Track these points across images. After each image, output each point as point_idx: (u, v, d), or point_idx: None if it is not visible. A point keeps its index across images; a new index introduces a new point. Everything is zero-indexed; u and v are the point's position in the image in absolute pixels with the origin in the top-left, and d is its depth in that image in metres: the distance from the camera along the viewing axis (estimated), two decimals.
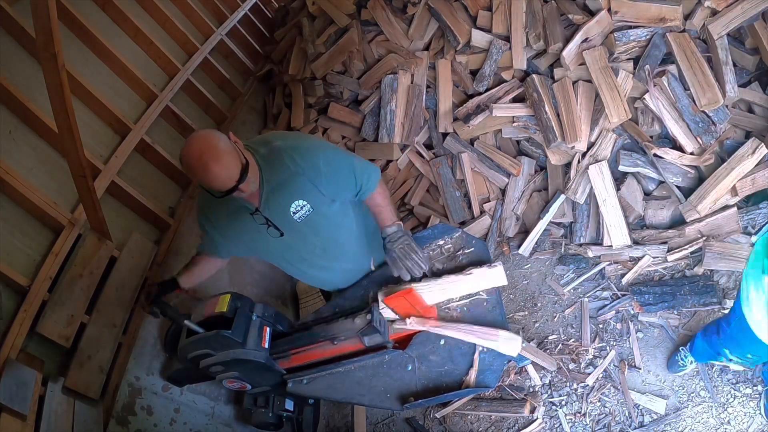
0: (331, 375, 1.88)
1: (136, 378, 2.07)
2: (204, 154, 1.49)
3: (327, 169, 1.71)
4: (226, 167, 1.51)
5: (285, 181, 1.69)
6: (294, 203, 1.72)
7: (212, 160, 1.49)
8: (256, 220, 1.74)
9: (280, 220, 1.75)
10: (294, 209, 1.73)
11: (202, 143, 1.52)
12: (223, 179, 1.52)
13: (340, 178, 1.76)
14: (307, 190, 1.72)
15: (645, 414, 2.14)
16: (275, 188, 1.70)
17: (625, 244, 2.51)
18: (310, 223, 1.78)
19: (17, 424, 1.54)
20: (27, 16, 1.75)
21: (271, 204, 1.72)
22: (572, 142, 2.59)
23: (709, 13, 2.45)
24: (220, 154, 1.51)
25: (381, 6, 3.28)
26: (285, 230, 1.77)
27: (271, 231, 1.76)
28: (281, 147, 1.70)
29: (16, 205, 1.93)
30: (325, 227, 1.84)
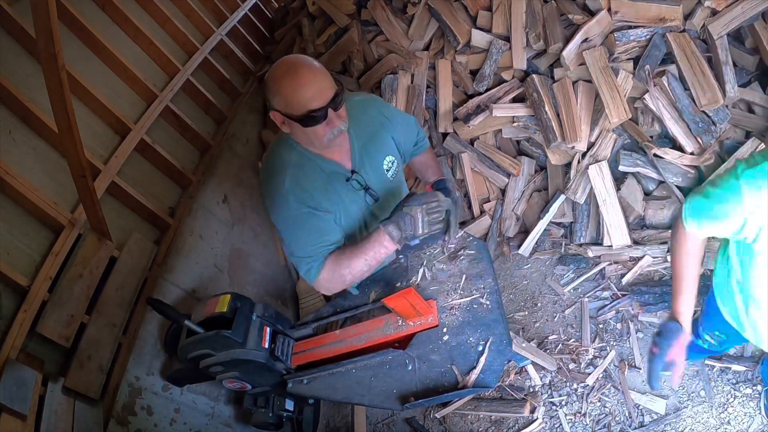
0: (331, 375, 1.88)
1: (136, 378, 2.07)
2: (297, 62, 1.35)
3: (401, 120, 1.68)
4: (319, 78, 1.34)
5: (374, 135, 1.58)
6: (386, 158, 1.61)
7: (306, 67, 1.34)
8: (353, 186, 1.54)
9: (374, 181, 1.59)
10: (387, 166, 1.61)
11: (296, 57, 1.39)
12: (315, 90, 1.33)
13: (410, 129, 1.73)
14: (391, 145, 1.63)
15: (645, 414, 2.14)
16: (366, 143, 1.56)
17: (625, 244, 2.51)
18: (396, 182, 1.68)
19: (17, 424, 1.54)
20: (27, 16, 1.75)
21: (366, 163, 1.56)
22: (572, 142, 2.59)
23: (709, 13, 2.45)
24: (315, 65, 1.36)
25: (381, 6, 3.28)
26: (380, 194, 1.62)
27: (368, 197, 1.59)
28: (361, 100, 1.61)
29: (16, 205, 1.93)
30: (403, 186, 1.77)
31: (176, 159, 2.85)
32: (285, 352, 1.95)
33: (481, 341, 1.72)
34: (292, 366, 1.97)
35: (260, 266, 3.02)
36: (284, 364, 1.94)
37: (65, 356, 1.90)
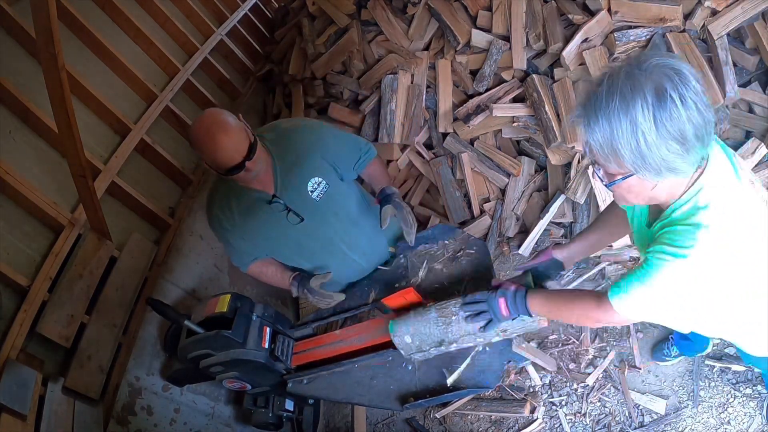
0: (331, 375, 1.88)
1: (136, 378, 2.07)
2: (212, 126, 1.51)
3: (333, 141, 1.75)
4: (233, 140, 1.52)
5: (297, 159, 1.69)
6: (311, 181, 1.72)
7: (220, 133, 1.50)
8: (274, 209, 1.72)
9: (298, 203, 1.73)
10: (311, 187, 1.72)
11: (211, 117, 1.54)
12: (231, 152, 1.52)
13: (347, 147, 1.80)
14: (320, 167, 1.73)
15: (645, 414, 2.14)
16: (289, 168, 1.69)
17: (625, 244, 2.51)
18: (329, 201, 1.76)
19: (17, 424, 1.54)
20: (27, 16, 1.75)
21: (288, 186, 1.71)
22: (572, 142, 2.59)
23: (709, 13, 2.45)
24: (228, 127, 1.52)
25: (381, 6, 3.28)
26: (305, 214, 1.74)
27: (291, 217, 1.74)
28: (288, 128, 1.74)
29: (16, 205, 1.93)
30: (343, 204, 1.83)
31: (176, 159, 2.86)
32: (285, 352, 1.95)
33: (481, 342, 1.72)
34: (292, 366, 1.97)
35: None
36: (284, 364, 1.94)
37: (65, 356, 1.90)
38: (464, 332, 1.52)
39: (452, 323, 1.53)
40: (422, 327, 1.57)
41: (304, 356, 1.97)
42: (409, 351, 1.63)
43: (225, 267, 2.81)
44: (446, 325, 1.54)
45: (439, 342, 1.57)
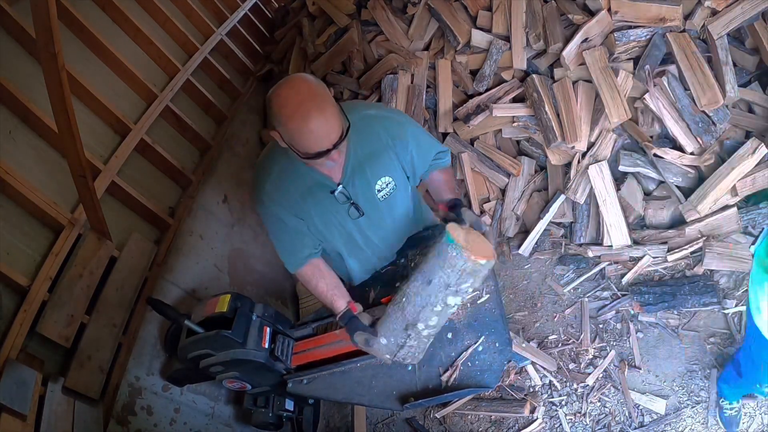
0: (331, 375, 1.88)
1: (136, 378, 2.07)
2: (308, 102, 1.28)
3: (414, 142, 1.61)
4: (329, 123, 1.30)
5: (374, 154, 1.54)
6: (381, 179, 1.59)
7: (316, 111, 1.28)
8: (337, 199, 1.56)
9: (362, 198, 1.60)
10: (380, 186, 1.60)
11: (307, 90, 1.30)
12: (322, 137, 1.30)
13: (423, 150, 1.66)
14: (393, 166, 1.60)
15: (645, 414, 2.14)
16: (363, 161, 1.54)
17: (625, 244, 2.51)
18: (391, 202, 1.67)
19: (17, 424, 1.54)
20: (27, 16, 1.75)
21: (357, 179, 1.56)
22: (572, 142, 2.59)
23: (709, 13, 2.45)
24: (326, 107, 1.29)
25: (381, 6, 3.28)
26: (366, 210, 1.62)
27: (352, 211, 1.60)
28: (372, 115, 1.55)
29: (16, 205, 1.92)
30: (401, 208, 1.74)
31: (176, 159, 2.85)
32: (285, 352, 1.94)
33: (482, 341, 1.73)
34: (292, 366, 1.97)
35: (260, 266, 3.02)
36: (284, 364, 1.94)
37: (65, 356, 1.90)
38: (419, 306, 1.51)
39: (406, 306, 1.53)
40: (386, 325, 1.59)
41: (304, 356, 1.97)
42: (392, 352, 1.62)
43: (225, 267, 2.81)
44: (402, 309, 1.55)
45: (405, 327, 1.56)
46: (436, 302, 1.50)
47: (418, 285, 1.50)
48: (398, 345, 1.60)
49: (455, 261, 1.42)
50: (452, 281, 1.46)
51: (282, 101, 1.30)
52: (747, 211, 2.37)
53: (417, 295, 1.50)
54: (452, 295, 1.50)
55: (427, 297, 1.49)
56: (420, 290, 1.50)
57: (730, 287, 2.30)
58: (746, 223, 2.36)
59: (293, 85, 1.31)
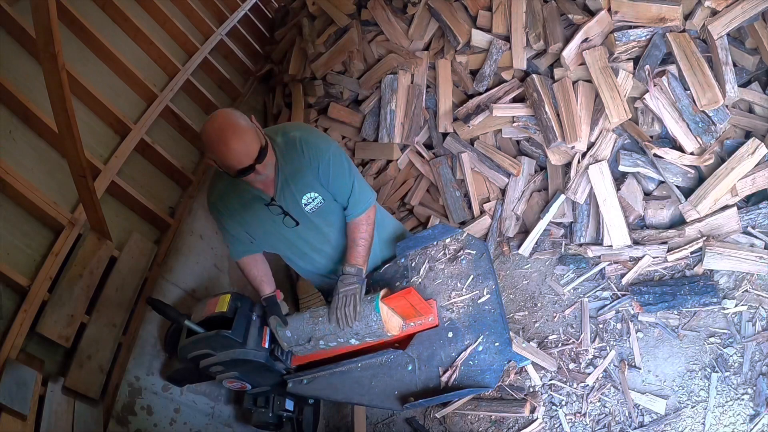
0: (331, 375, 1.88)
1: (136, 378, 2.07)
2: (225, 129, 1.52)
3: (328, 172, 1.74)
4: (245, 143, 1.52)
5: (298, 172, 1.71)
6: (306, 195, 1.75)
7: (232, 135, 1.51)
8: (272, 211, 1.76)
9: (293, 211, 1.78)
10: (306, 201, 1.76)
11: (224, 119, 1.54)
12: (242, 156, 1.53)
13: (336, 185, 1.78)
14: (316, 184, 1.75)
15: (645, 414, 2.14)
16: (289, 178, 1.72)
17: (625, 244, 2.51)
18: (322, 215, 1.81)
19: (17, 424, 1.54)
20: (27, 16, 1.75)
21: (286, 194, 1.74)
22: (572, 142, 2.59)
23: (709, 13, 2.45)
24: (241, 130, 1.52)
25: (381, 6, 3.28)
26: (300, 220, 1.80)
27: (287, 221, 1.78)
28: (298, 137, 1.72)
29: (16, 205, 1.93)
30: (337, 219, 1.87)
31: (176, 159, 2.85)
32: (285, 352, 1.95)
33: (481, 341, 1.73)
34: (292, 366, 1.97)
35: None
36: (284, 364, 1.94)
37: (65, 356, 1.90)
38: (327, 332, 1.82)
39: (319, 323, 1.83)
40: (297, 324, 1.87)
41: (304, 356, 1.97)
42: (290, 344, 1.89)
43: (225, 267, 2.81)
44: (314, 324, 1.84)
45: (309, 338, 1.84)
46: (341, 337, 1.81)
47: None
48: (297, 342, 1.88)
49: (372, 324, 1.75)
50: (361, 333, 1.79)
51: (206, 133, 1.55)
52: (747, 211, 2.37)
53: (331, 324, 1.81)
54: (356, 339, 1.83)
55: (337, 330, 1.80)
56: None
57: (730, 287, 2.30)
58: (746, 223, 2.36)
59: (213, 119, 1.56)
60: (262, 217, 1.79)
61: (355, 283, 1.79)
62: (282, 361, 1.93)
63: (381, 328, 1.74)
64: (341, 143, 3.39)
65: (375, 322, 1.73)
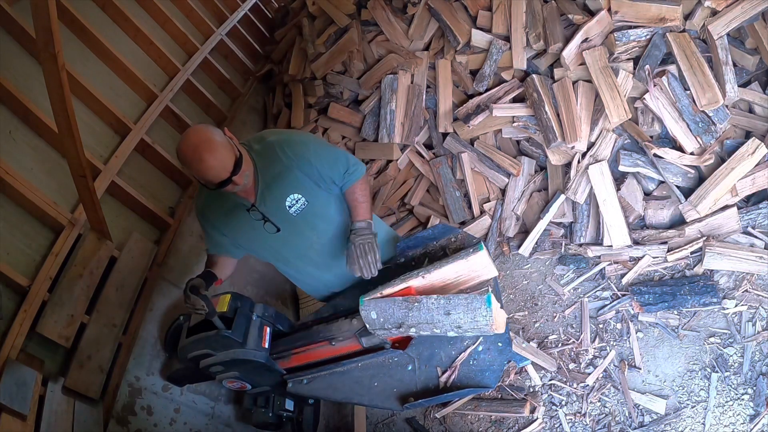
0: (331, 375, 1.88)
1: (136, 378, 2.07)
2: (199, 146, 1.55)
3: (315, 158, 1.75)
4: (220, 158, 1.55)
5: (279, 175, 1.73)
6: (289, 197, 1.76)
7: (206, 152, 1.54)
8: (252, 217, 1.77)
9: (276, 215, 1.78)
10: (289, 203, 1.77)
11: (197, 136, 1.57)
12: (217, 170, 1.56)
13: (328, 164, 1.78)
14: (301, 184, 1.76)
15: (645, 414, 2.14)
16: (270, 182, 1.73)
17: (625, 244, 2.51)
18: (306, 217, 1.81)
19: (17, 424, 1.54)
20: (27, 16, 1.75)
21: (267, 199, 1.76)
22: (572, 142, 2.59)
23: (709, 13, 2.45)
24: (214, 145, 1.56)
25: (381, 6, 3.28)
26: (282, 225, 1.80)
27: (268, 227, 1.79)
28: (274, 141, 1.75)
29: (16, 205, 1.93)
30: (321, 221, 1.87)
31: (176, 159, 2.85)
32: None
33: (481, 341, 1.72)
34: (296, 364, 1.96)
35: (260, 266, 3.02)
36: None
37: (65, 356, 1.90)
38: (423, 320, 1.63)
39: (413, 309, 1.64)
40: (387, 307, 1.68)
41: (304, 356, 1.97)
42: (373, 326, 1.71)
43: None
44: (408, 309, 1.65)
45: (399, 324, 1.66)
46: (439, 327, 1.63)
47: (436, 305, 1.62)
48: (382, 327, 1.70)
49: (479, 319, 1.58)
50: (464, 327, 1.60)
51: (182, 151, 1.57)
52: (747, 211, 2.37)
53: (429, 312, 1.62)
54: (453, 331, 1.63)
55: (435, 319, 1.62)
56: (434, 310, 1.62)
57: (730, 287, 2.30)
58: (746, 223, 2.36)
59: (187, 136, 1.58)
60: (245, 224, 1.81)
61: (369, 233, 1.81)
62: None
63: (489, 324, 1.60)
64: (341, 143, 3.39)
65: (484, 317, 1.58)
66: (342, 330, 1.85)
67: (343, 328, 1.86)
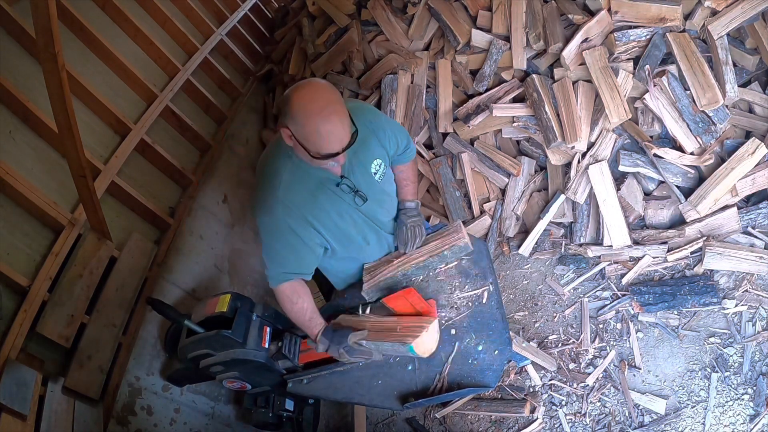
0: (331, 375, 1.88)
1: (136, 378, 2.07)
2: (329, 105, 1.38)
3: (389, 126, 1.77)
4: (345, 129, 1.41)
5: (363, 141, 1.60)
6: (374, 162, 1.72)
7: (336, 114, 1.38)
8: (342, 190, 1.65)
9: (363, 184, 1.70)
10: (374, 169, 1.73)
11: (325, 98, 1.39)
12: (338, 141, 1.41)
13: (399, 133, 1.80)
14: (379, 151, 1.74)
15: (645, 414, 2.14)
16: (357, 149, 1.58)
17: (625, 244, 2.51)
18: (387, 182, 1.83)
19: (17, 424, 1.54)
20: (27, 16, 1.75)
21: (355, 167, 1.66)
22: (572, 142, 2.59)
23: (709, 13, 2.45)
24: (343, 112, 1.41)
25: (381, 6, 3.28)
26: (369, 194, 1.72)
27: (358, 199, 1.70)
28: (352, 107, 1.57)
29: (16, 205, 1.93)
30: (391, 185, 1.90)
31: (176, 159, 2.86)
32: (292, 350, 1.93)
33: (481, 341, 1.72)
34: (299, 364, 1.96)
35: (260, 266, 3.02)
36: (291, 362, 1.92)
37: (65, 356, 1.90)
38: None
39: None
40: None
41: (306, 356, 1.97)
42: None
43: (225, 267, 2.81)
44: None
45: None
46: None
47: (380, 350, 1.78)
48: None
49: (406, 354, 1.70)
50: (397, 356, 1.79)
51: (305, 101, 1.37)
52: (747, 211, 2.37)
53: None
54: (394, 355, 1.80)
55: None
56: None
57: (730, 287, 2.30)
58: (746, 223, 2.36)
59: (317, 89, 1.40)
60: (335, 200, 1.67)
61: (419, 215, 1.91)
62: (290, 359, 1.92)
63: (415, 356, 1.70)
64: None
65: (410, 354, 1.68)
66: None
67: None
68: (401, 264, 1.88)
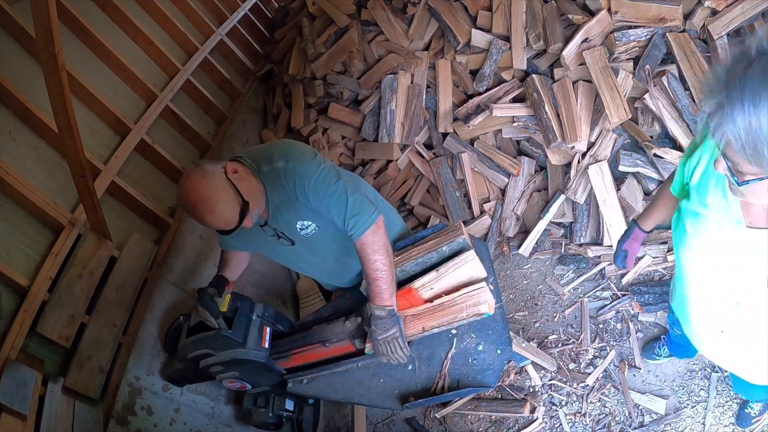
0: (331, 375, 1.88)
1: (136, 378, 2.06)
2: (197, 205, 1.50)
3: (313, 196, 1.60)
4: (221, 216, 1.52)
5: (285, 203, 1.69)
6: (299, 222, 1.73)
7: (206, 212, 1.50)
8: (266, 232, 1.76)
9: (289, 233, 1.77)
10: (300, 227, 1.75)
11: (194, 194, 1.50)
12: (221, 225, 1.55)
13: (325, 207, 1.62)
14: (308, 213, 1.70)
15: (645, 414, 2.14)
16: (279, 206, 1.71)
17: None
18: (319, 240, 1.79)
19: (17, 424, 1.54)
20: (27, 16, 1.75)
21: (279, 219, 1.74)
22: (572, 142, 2.59)
23: (709, 13, 2.45)
24: (212, 204, 1.50)
25: (381, 6, 3.28)
26: (296, 240, 1.79)
27: (283, 241, 1.78)
28: (280, 169, 1.61)
29: (16, 205, 1.92)
30: (335, 244, 1.84)
31: (176, 159, 2.85)
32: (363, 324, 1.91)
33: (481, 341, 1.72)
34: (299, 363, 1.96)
35: (260, 266, 3.02)
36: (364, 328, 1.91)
37: (65, 356, 1.90)
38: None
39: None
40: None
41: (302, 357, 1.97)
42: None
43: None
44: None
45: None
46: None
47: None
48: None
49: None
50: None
51: (183, 205, 1.56)
52: None
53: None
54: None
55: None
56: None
57: None
58: None
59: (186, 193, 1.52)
60: (260, 236, 1.79)
61: (392, 326, 1.62)
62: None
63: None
64: (341, 143, 3.39)
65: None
66: (335, 332, 1.86)
67: (336, 330, 1.86)
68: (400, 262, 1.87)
